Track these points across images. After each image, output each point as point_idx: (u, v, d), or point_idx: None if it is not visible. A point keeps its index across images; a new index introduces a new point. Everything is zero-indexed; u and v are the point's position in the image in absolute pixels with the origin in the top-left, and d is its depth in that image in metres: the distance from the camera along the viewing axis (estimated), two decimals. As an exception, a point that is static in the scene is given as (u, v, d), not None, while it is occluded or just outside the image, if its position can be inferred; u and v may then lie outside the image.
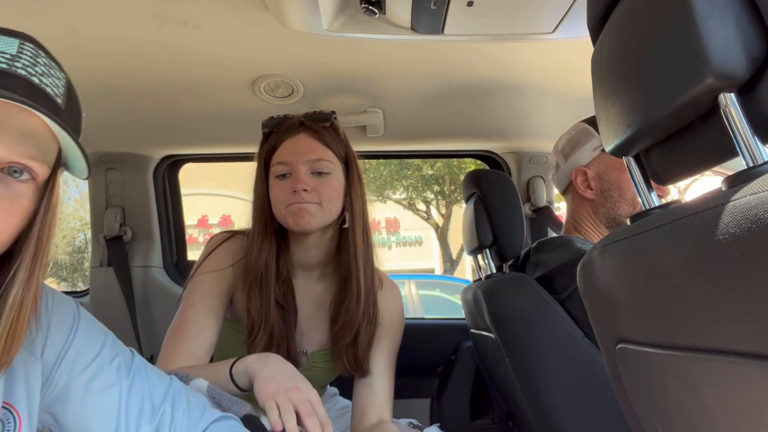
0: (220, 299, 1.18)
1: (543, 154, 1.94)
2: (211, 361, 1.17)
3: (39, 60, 0.62)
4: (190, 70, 1.42)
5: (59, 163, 0.65)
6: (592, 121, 1.37)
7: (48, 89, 0.62)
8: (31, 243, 0.62)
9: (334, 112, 1.24)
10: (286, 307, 1.21)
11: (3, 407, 0.67)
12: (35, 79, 0.60)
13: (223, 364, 1.02)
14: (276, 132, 1.23)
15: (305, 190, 1.14)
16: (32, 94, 0.59)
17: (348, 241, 1.21)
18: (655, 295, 0.58)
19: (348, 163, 1.24)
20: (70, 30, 1.22)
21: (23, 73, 0.60)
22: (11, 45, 0.61)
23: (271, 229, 1.21)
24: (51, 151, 0.62)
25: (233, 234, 1.26)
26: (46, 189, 0.63)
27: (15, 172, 0.59)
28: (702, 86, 0.48)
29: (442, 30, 1.17)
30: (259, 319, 1.17)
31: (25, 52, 0.61)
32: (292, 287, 1.24)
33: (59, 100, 0.63)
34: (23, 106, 0.57)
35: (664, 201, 1.23)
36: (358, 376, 1.22)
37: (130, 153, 1.90)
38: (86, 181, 2.05)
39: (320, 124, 1.22)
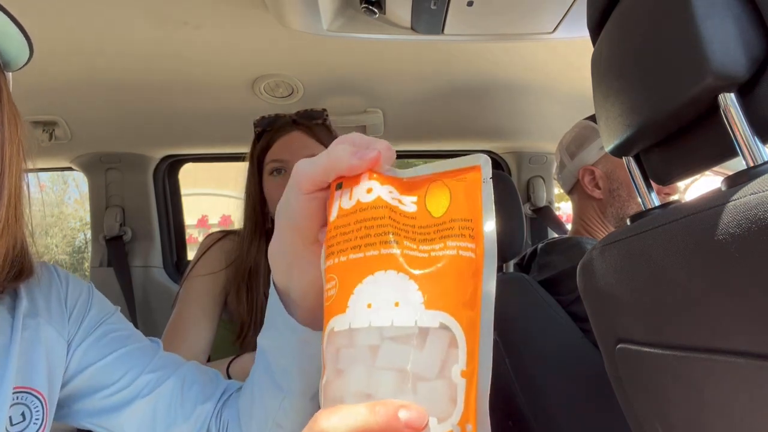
0: (215, 299, 1.18)
1: (543, 154, 1.93)
2: (208, 361, 1.17)
3: None
4: (190, 70, 1.42)
5: None
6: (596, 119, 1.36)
7: None
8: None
9: (325, 110, 1.26)
10: None
11: (28, 392, 0.63)
12: None
13: (220, 363, 1.02)
14: (269, 131, 1.24)
15: None
16: None
17: None
18: (655, 295, 0.58)
19: None
20: (70, 30, 1.22)
21: None
22: None
23: (262, 228, 1.21)
24: None
25: (226, 234, 1.26)
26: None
27: None
28: (702, 86, 0.48)
29: (442, 30, 1.17)
30: (249, 318, 1.17)
31: None
32: None
33: None
34: None
35: (671, 199, 1.22)
36: None
37: (130, 153, 1.89)
38: (86, 181, 2.04)
39: (313, 122, 1.23)
